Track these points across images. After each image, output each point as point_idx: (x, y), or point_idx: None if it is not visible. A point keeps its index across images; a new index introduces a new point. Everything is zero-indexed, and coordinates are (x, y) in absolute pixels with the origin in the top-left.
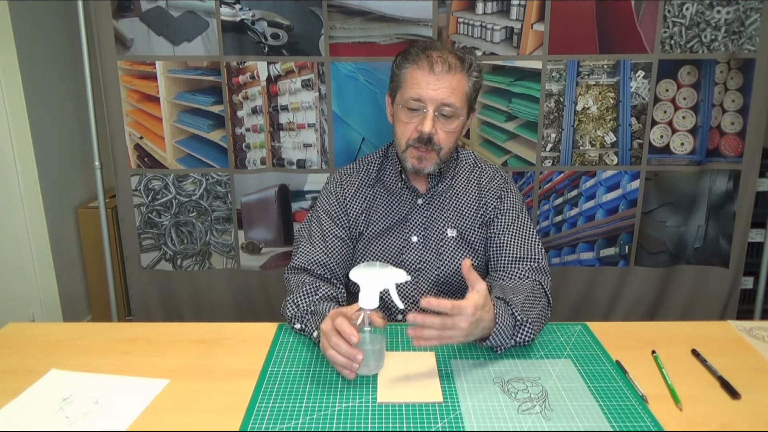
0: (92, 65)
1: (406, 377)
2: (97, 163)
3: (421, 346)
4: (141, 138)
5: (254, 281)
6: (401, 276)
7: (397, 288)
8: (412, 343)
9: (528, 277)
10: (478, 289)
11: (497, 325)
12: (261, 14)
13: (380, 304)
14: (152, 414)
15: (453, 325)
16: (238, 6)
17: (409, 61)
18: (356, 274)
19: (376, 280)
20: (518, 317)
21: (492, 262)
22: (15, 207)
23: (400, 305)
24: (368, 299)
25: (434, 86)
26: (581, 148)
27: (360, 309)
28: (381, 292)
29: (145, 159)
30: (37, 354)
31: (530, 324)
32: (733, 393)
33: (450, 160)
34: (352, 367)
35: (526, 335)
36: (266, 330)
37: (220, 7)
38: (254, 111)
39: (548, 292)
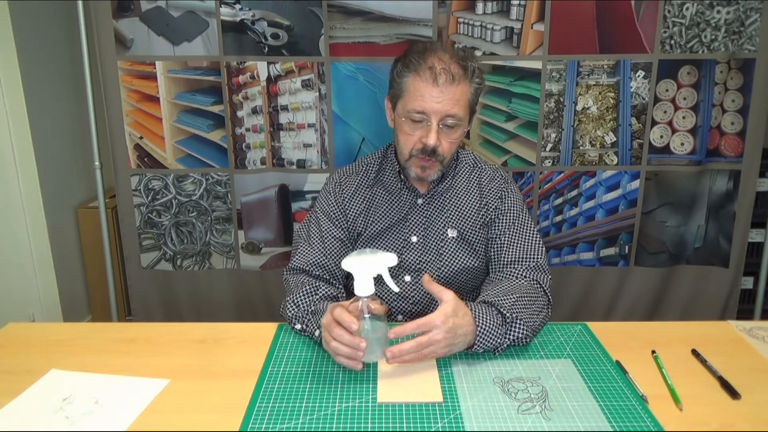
0: (92, 65)
1: (406, 377)
2: (97, 163)
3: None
4: (141, 138)
5: (254, 281)
6: (392, 260)
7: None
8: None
9: (526, 276)
10: (445, 300)
11: (479, 327)
12: (261, 14)
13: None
14: (152, 414)
15: (429, 341)
16: (238, 6)
17: (410, 69)
18: (348, 263)
19: (368, 266)
20: (507, 315)
21: (492, 262)
22: (15, 207)
23: (395, 288)
24: (363, 286)
25: (438, 99)
26: (581, 148)
27: (357, 298)
28: (375, 278)
29: (145, 159)
30: (37, 354)
31: (522, 321)
32: (733, 393)
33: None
34: (357, 355)
35: (519, 332)
36: (266, 330)
37: (220, 7)
38: (254, 111)
39: (547, 291)
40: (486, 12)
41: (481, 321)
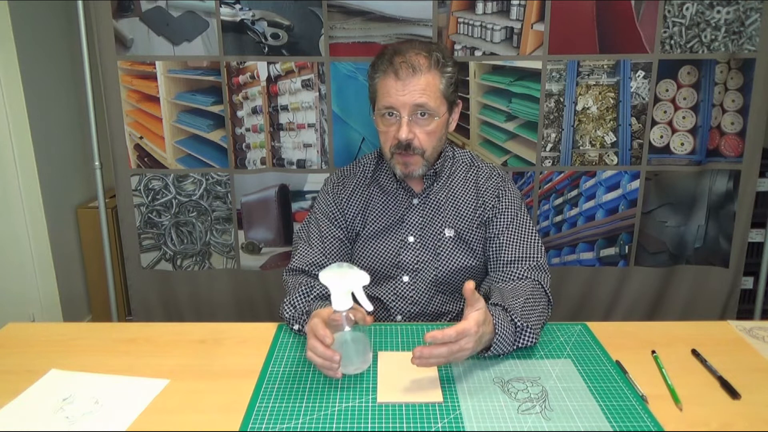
0: (92, 65)
1: (406, 377)
2: (97, 163)
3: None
4: (141, 138)
5: (254, 281)
6: (365, 279)
7: (395, 289)
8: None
9: (527, 276)
10: (478, 307)
11: (497, 335)
12: (261, 14)
13: (378, 305)
14: (152, 414)
15: (460, 349)
16: (238, 6)
17: (378, 71)
18: (324, 277)
19: (343, 282)
20: (518, 323)
21: (491, 262)
22: (15, 207)
23: (369, 307)
24: (340, 301)
25: (402, 92)
26: (581, 148)
27: (335, 311)
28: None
29: (145, 159)
30: (37, 354)
31: (531, 329)
32: (733, 393)
33: (444, 159)
34: (332, 367)
35: (527, 340)
36: (266, 330)
37: (220, 7)
38: (254, 111)
39: (548, 291)
40: (486, 12)
41: (499, 329)
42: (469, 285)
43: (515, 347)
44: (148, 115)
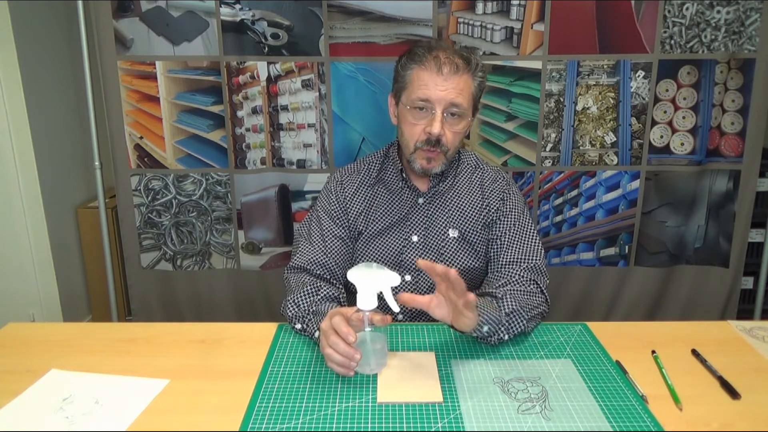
0: (92, 65)
1: (406, 377)
2: (97, 163)
3: (422, 347)
4: (141, 138)
5: (254, 281)
6: (395, 279)
7: (396, 288)
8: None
9: (524, 277)
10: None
11: (478, 307)
12: (261, 14)
13: (379, 304)
14: (152, 414)
15: (457, 275)
16: (238, 6)
17: (415, 62)
18: (353, 275)
19: (372, 281)
20: (497, 294)
21: (491, 263)
22: (15, 207)
23: (396, 308)
24: (366, 300)
25: (442, 87)
26: (581, 148)
27: (358, 310)
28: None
29: (145, 159)
30: (37, 354)
31: (512, 296)
32: (733, 393)
33: (450, 159)
34: (350, 365)
35: (512, 304)
36: (266, 330)
37: (220, 7)
38: (254, 111)
39: (544, 291)
40: (486, 12)
41: (479, 302)
42: (422, 262)
43: (504, 314)
44: (148, 115)
